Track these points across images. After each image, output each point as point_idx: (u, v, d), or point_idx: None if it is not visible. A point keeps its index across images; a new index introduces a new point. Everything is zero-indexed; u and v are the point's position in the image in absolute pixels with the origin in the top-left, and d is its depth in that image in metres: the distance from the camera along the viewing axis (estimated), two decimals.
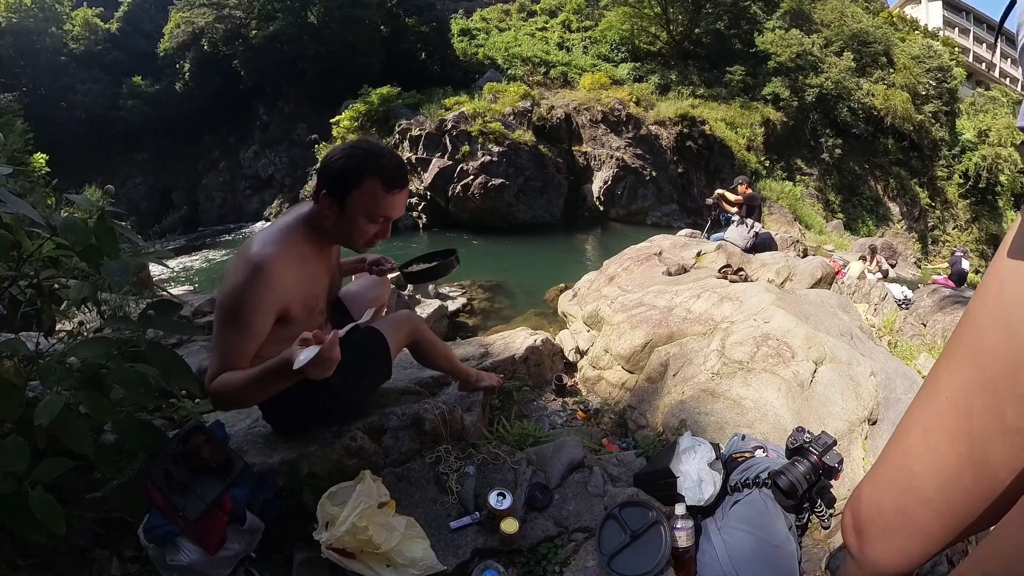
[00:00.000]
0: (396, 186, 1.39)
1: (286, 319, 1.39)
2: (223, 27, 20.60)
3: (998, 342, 0.53)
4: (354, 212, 1.38)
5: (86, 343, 1.29)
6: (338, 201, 1.38)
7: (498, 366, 2.64)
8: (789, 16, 22.16)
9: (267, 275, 1.30)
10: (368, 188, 1.36)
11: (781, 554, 1.42)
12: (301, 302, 1.42)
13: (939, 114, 22.77)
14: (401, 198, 1.43)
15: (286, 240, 1.38)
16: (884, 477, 0.65)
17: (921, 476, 0.59)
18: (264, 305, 1.31)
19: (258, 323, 1.31)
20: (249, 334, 1.30)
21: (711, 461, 1.65)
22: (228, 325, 1.30)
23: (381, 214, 1.40)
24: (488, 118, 14.82)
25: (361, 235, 1.42)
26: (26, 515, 1.12)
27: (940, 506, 0.58)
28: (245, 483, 1.45)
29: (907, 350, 3.85)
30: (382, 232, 1.44)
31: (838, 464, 1.47)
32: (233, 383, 1.26)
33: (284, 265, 1.33)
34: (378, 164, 1.36)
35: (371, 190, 1.36)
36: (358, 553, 1.37)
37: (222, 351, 1.30)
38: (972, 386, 0.54)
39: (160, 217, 20.98)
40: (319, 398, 1.60)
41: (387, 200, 1.38)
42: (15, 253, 1.35)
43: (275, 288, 1.32)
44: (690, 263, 5.17)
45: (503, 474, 1.76)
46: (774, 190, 17.43)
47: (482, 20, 25.15)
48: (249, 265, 1.30)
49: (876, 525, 0.65)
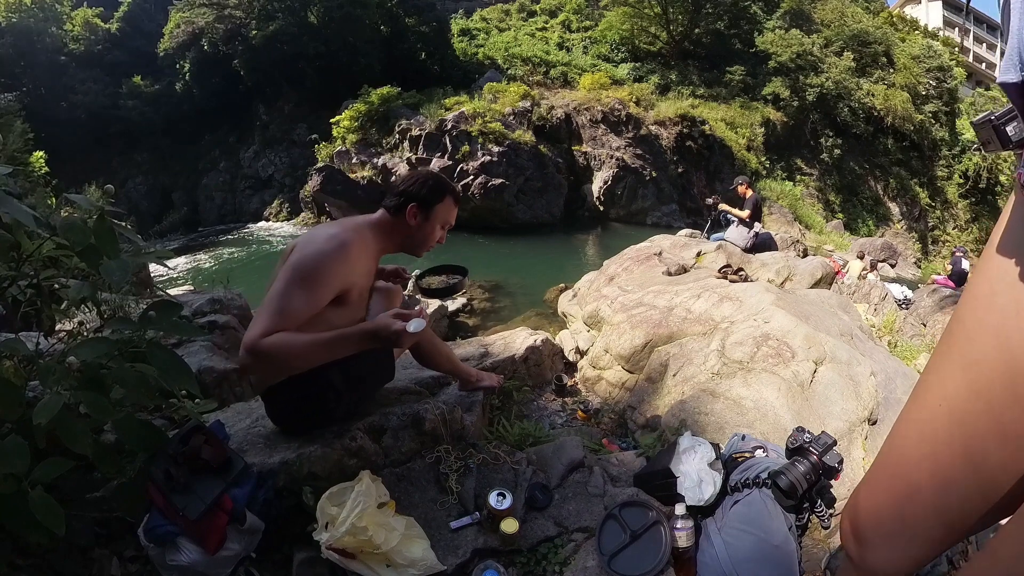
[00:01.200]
0: (458, 199, 1.81)
1: (342, 300, 1.52)
2: (223, 27, 20.60)
3: (991, 349, 0.52)
4: (435, 220, 1.71)
5: (86, 343, 1.29)
6: (424, 212, 1.68)
7: (498, 366, 2.64)
8: (789, 16, 22.18)
9: (348, 253, 1.49)
10: (447, 202, 1.73)
11: (781, 554, 1.42)
12: (359, 289, 1.61)
13: (939, 114, 22.78)
14: (456, 208, 1.80)
15: (362, 232, 1.60)
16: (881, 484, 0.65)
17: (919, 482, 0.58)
18: (338, 277, 1.47)
19: (326, 291, 1.44)
20: (314, 298, 1.41)
21: (711, 461, 1.65)
22: (298, 286, 1.40)
23: (448, 220, 1.77)
24: (488, 118, 14.83)
25: (435, 239, 1.75)
26: (26, 515, 1.12)
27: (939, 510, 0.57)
28: (245, 483, 1.45)
29: (907, 350, 3.85)
30: (442, 238, 1.78)
31: (838, 464, 1.47)
32: (295, 342, 1.34)
33: (360, 251, 1.55)
34: (451, 185, 1.78)
35: (448, 203, 1.74)
36: (358, 553, 1.37)
37: (280, 310, 1.37)
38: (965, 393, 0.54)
39: (160, 217, 21.00)
40: (321, 396, 1.60)
41: (454, 212, 1.78)
42: (15, 253, 1.35)
43: (351, 266, 1.51)
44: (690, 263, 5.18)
45: (503, 474, 1.76)
46: (774, 190, 17.43)
47: (482, 20, 25.16)
48: (335, 240, 1.48)
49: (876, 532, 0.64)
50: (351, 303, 1.57)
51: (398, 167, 15.69)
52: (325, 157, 16.54)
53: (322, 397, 1.61)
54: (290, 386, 1.57)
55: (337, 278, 1.46)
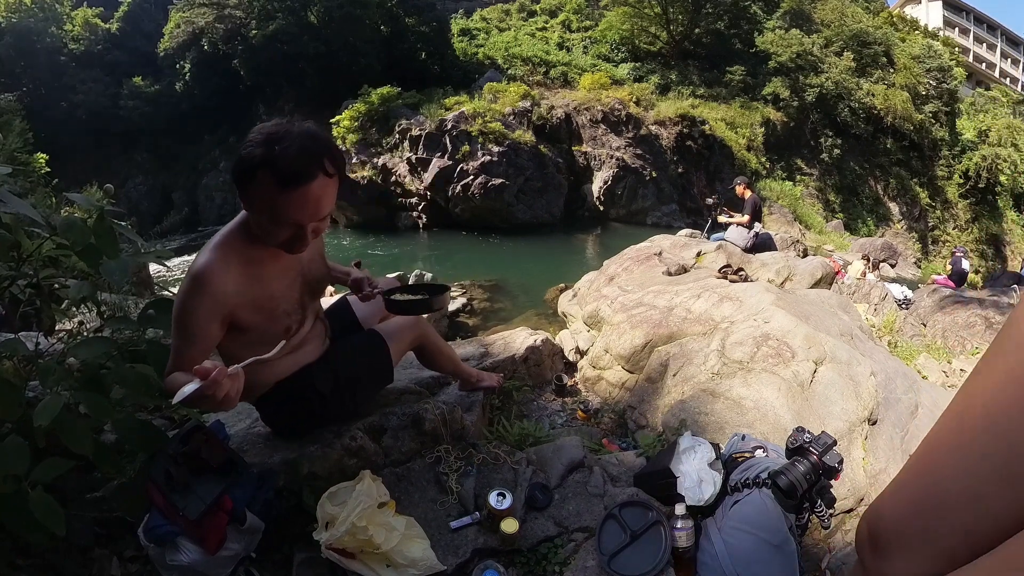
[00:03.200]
0: (293, 182, 1.11)
1: (240, 325, 1.34)
2: (223, 27, 20.60)
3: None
4: (258, 212, 1.19)
5: (85, 343, 1.29)
6: (243, 198, 1.20)
7: (498, 366, 2.64)
8: (789, 16, 22.17)
9: (202, 285, 1.24)
10: (262, 184, 1.12)
11: (781, 554, 1.42)
12: (251, 306, 1.33)
13: (939, 114, 22.77)
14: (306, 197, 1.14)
15: (224, 246, 1.30)
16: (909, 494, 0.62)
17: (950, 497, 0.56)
18: (201, 314, 1.25)
19: (199, 331, 1.26)
20: (190, 341, 1.27)
21: (711, 461, 1.64)
22: (175, 332, 1.29)
23: (283, 216, 1.16)
24: (488, 118, 14.82)
25: (274, 237, 1.22)
26: (26, 515, 1.12)
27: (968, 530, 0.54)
28: (245, 483, 1.45)
29: (907, 350, 3.85)
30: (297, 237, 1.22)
31: (838, 464, 1.47)
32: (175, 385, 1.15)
33: (222, 273, 1.26)
34: (269, 156, 1.09)
35: (264, 187, 1.12)
36: (358, 553, 1.38)
37: (172, 354, 1.30)
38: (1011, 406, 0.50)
39: (160, 217, 20.99)
40: (308, 400, 1.60)
41: (286, 200, 1.13)
42: (15, 253, 1.35)
43: (213, 296, 1.25)
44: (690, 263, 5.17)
45: (503, 474, 1.76)
46: (774, 190, 17.43)
47: (482, 20, 25.15)
48: (189, 276, 1.26)
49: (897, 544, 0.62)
50: (253, 323, 1.35)
51: (398, 167, 15.69)
52: None
53: (312, 402, 1.60)
54: (279, 393, 1.56)
55: (200, 314, 1.24)
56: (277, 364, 1.51)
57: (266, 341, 1.29)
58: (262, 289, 1.34)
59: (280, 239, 1.22)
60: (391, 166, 15.74)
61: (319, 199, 1.17)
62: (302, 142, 1.13)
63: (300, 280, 1.49)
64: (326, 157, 1.16)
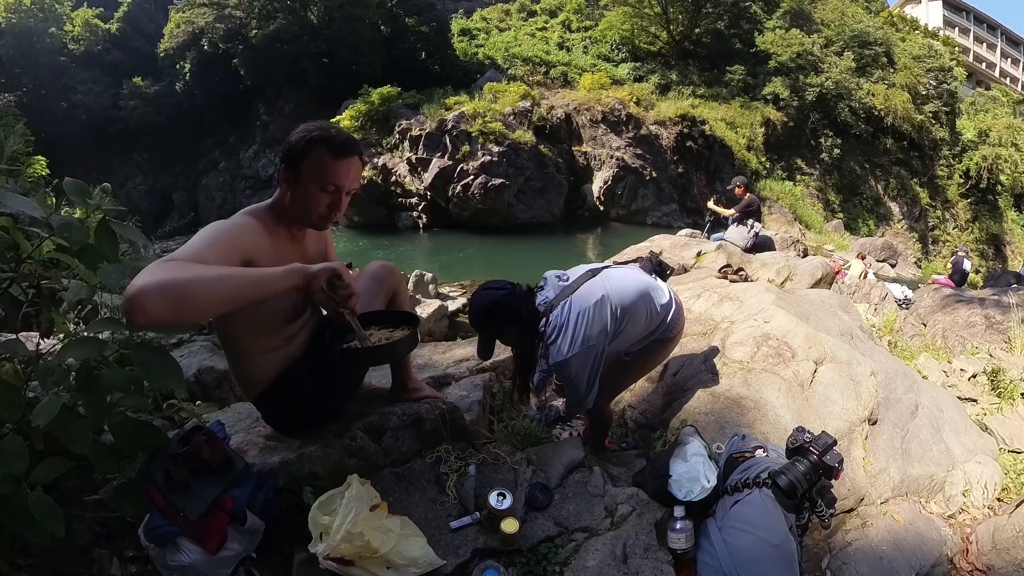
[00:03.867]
0: (343, 153, 1.42)
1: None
2: (223, 27, 20.59)
3: None
4: (307, 182, 1.42)
5: (74, 343, 1.29)
6: (292, 172, 1.43)
7: (498, 365, 2.64)
8: (789, 16, 22.16)
9: (237, 224, 1.40)
10: (317, 156, 1.40)
11: (781, 554, 1.42)
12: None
13: (939, 114, 22.76)
14: (350, 166, 1.44)
15: (252, 212, 1.47)
16: None
17: None
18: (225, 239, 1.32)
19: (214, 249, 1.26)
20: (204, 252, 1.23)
21: (709, 460, 1.65)
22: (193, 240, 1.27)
23: (331, 182, 1.42)
24: (488, 118, 14.82)
25: (316, 205, 1.44)
26: (25, 516, 1.12)
27: None
28: (245, 483, 1.45)
29: (907, 350, 3.85)
30: (335, 204, 1.46)
31: (838, 464, 1.47)
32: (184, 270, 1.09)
33: (253, 228, 1.41)
34: (326, 134, 1.42)
35: (320, 157, 1.40)
36: (357, 560, 1.36)
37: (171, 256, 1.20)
38: None
39: (160, 217, 20.98)
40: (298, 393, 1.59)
41: (335, 167, 1.42)
42: (15, 254, 1.35)
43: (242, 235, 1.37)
44: (690, 263, 5.18)
45: (503, 474, 1.76)
46: (774, 190, 17.43)
47: (482, 20, 25.16)
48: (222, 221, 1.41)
49: None
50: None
51: (398, 167, 15.69)
52: None
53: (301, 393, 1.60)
54: (275, 389, 1.57)
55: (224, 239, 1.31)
56: (272, 358, 1.54)
57: (267, 323, 1.47)
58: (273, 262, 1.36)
59: (321, 207, 1.45)
60: (391, 166, 15.74)
61: (358, 170, 1.49)
62: (345, 132, 1.50)
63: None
64: (358, 144, 1.52)
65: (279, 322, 1.53)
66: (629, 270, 2.05)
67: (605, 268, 1.98)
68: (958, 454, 2.27)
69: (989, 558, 1.77)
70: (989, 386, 2.93)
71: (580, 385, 1.85)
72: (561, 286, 1.90)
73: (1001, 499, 2.13)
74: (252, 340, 1.51)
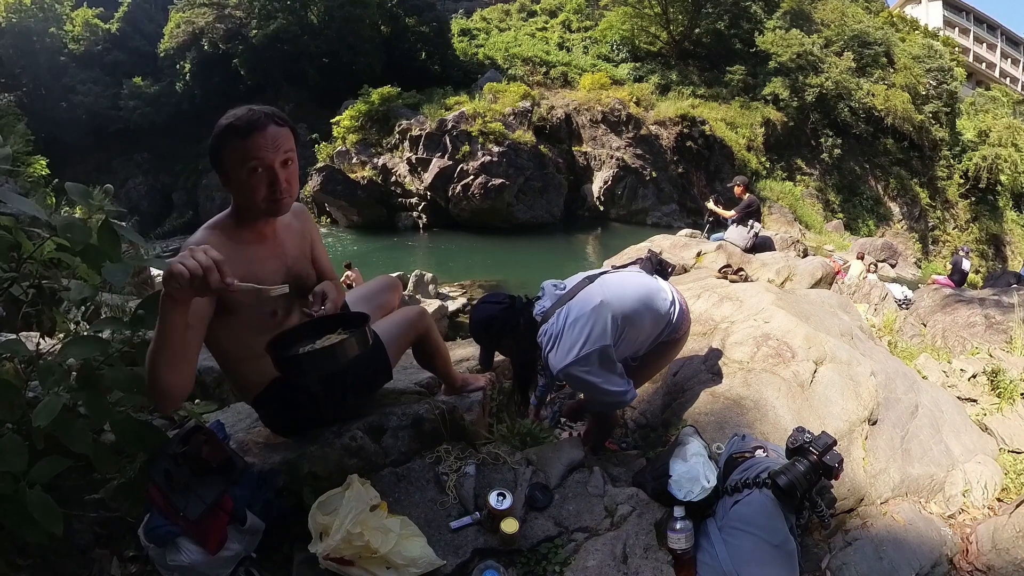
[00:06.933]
0: (249, 130, 1.36)
1: (228, 305, 1.37)
2: (223, 27, 20.61)
3: None
4: (235, 173, 1.38)
5: (76, 342, 1.29)
6: (221, 171, 1.41)
7: (499, 366, 2.64)
8: (789, 16, 22.18)
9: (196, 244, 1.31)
10: (229, 145, 1.37)
11: (781, 554, 1.42)
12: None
13: (939, 114, 22.78)
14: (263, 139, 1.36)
15: (213, 226, 1.44)
16: None
17: None
18: None
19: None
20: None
21: (709, 460, 1.65)
22: None
23: (252, 162, 1.37)
24: (488, 118, 14.84)
25: (254, 191, 1.39)
26: (24, 515, 1.12)
27: None
28: (245, 483, 1.45)
29: (907, 350, 3.84)
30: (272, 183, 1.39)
31: (838, 464, 1.47)
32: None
33: (210, 243, 1.32)
34: (228, 121, 1.38)
35: (231, 145, 1.37)
36: (356, 560, 1.36)
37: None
38: None
39: (160, 217, 21.00)
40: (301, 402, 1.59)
41: (246, 146, 1.36)
42: (15, 254, 1.35)
43: None
44: (690, 263, 5.18)
45: (503, 474, 1.75)
46: (774, 190, 17.44)
47: (482, 20, 25.18)
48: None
49: None
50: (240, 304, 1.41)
51: (398, 167, 15.70)
52: (325, 157, 16.53)
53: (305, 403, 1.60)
54: (274, 393, 1.56)
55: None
56: (264, 362, 1.43)
57: (253, 327, 1.43)
58: (247, 269, 1.40)
59: (261, 193, 1.38)
60: (391, 166, 15.75)
61: (276, 138, 1.37)
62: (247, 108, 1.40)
63: (285, 271, 1.54)
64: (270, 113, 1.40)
65: (260, 330, 1.46)
66: (628, 275, 2.04)
67: (603, 274, 1.97)
68: (958, 454, 2.27)
69: (989, 558, 1.77)
70: (989, 386, 2.93)
71: (597, 388, 1.82)
72: (558, 295, 1.89)
73: (1001, 499, 2.13)
74: (240, 347, 1.49)
